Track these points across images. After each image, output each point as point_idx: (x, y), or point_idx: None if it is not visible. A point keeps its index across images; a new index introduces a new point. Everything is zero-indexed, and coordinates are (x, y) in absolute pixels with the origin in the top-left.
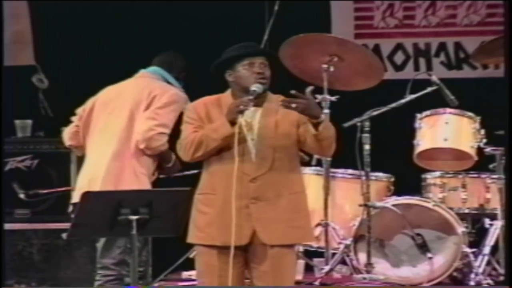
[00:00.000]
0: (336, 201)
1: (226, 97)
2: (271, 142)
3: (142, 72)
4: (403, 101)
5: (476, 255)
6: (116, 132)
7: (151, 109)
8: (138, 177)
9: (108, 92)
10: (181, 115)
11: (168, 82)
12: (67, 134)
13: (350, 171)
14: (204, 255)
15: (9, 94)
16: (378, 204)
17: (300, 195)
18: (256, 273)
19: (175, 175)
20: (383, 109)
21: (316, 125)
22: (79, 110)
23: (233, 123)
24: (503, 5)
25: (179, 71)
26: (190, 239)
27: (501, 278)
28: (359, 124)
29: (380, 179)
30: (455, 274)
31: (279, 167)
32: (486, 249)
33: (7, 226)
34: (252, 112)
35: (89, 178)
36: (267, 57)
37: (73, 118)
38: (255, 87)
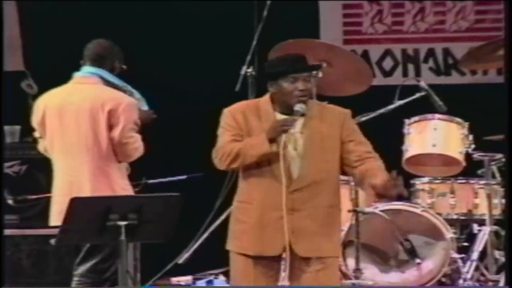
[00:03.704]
0: None
1: (265, 103)
2: (317, 157)
3: (79, 77)
4: (391, 107)
5: (464, 260)
6: (83, 148)
7: (116, 133)
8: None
9: (55, 100)
10: None
11: (109, 82)
12: (45, 152)
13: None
14: (239, 263)
15: None
16: (367, 209)
17: (335, 209)
18: (298, 284)
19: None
20: (372, 114)
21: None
22: (34, 125)
23: (271, 141)
24: (504, 5)
25: (111, 63)
26: (228, 246)
27: (490, 283)
28: None
29: None
30: (443, 279)
31: (322, 180)
32: (475, 255)
33: None
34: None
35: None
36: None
37: (36, 134)
38: (299, 108)
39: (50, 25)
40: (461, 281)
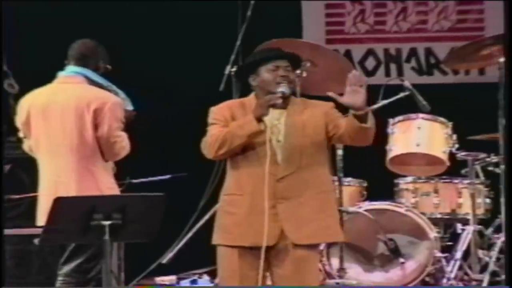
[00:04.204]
0: None
1: (250, 100)
2: (298, 142)
3: (64, 76)
4: (375, 106)
5: (448, 260)
6: (69, 147)
7: (103, 132)
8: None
9: (39, 100)
10: None
11: (94, 82)
12: (30, 152)
13: None
14: (226, 260)
15: None
16: (351, 209)
17: (327, 194)
18: (278, 276)
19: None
20: None
21: (361, 117)
22: (18, 125)
23: (259, 120)
24: (503, 5)
25: (95, 62)
26: (215, 240)
27: (473, 283)
28: None
29: (353, 184)
30: (427, 279)
31: (306, 166)
32: (458, 254)
33: None
34: (278, 114)
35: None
36: (291, 61)
37: (21, 134)
38: (283, 88)
39: (33, 25)
40: (444, 281)
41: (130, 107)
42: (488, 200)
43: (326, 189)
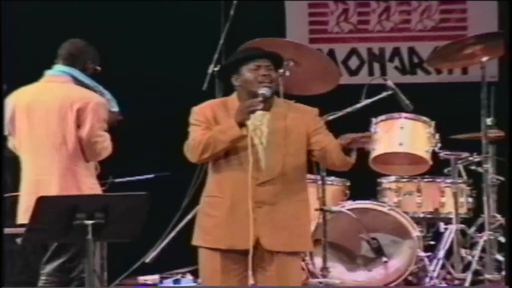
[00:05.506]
0: None
1: (233, 100)
2: (281, 148)
3: (50, 75)
4: (358, 105)
5: (431, 259)
6: (52, 147)
7: (85, 132)
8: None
9: (25, 98)
10: None
11: (80, 82)
12: (15, 149)
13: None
14: (208, 260)
15: None
16: (334, 208)
17: (304, 203)
18: (262, 277)
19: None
20: (339, 113)
21: (347, 151)
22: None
23: (241, 125)
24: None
25: (83, 62)
26: (196, 241)
27: (456, 282)
28: None
29: (336, 184)
30: (410, 278)
31: (288, 173)
32: (441, 253)
33: None
34: (260, 116)
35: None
36: (272, 61)
37: (6, 131)
38: (264, 91)
39: (33, 25)
40: (427, 280)
41: (115, 108)
42: (470, 199)
43: (304, 198)
